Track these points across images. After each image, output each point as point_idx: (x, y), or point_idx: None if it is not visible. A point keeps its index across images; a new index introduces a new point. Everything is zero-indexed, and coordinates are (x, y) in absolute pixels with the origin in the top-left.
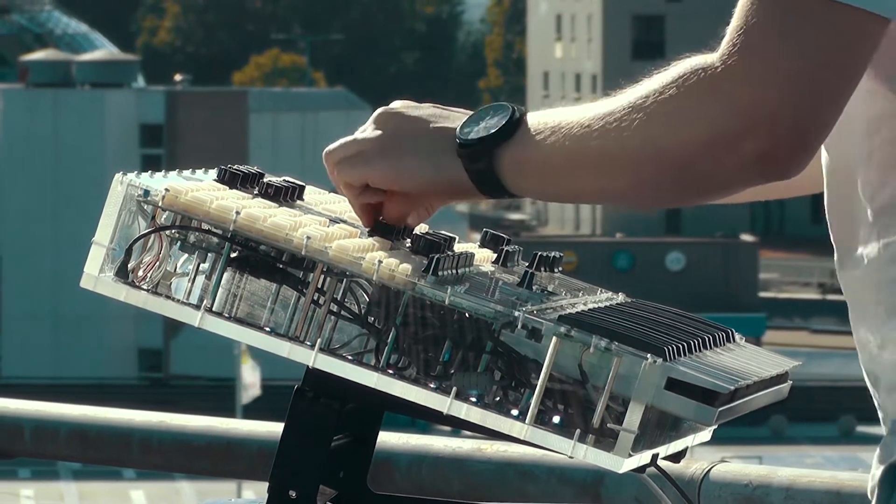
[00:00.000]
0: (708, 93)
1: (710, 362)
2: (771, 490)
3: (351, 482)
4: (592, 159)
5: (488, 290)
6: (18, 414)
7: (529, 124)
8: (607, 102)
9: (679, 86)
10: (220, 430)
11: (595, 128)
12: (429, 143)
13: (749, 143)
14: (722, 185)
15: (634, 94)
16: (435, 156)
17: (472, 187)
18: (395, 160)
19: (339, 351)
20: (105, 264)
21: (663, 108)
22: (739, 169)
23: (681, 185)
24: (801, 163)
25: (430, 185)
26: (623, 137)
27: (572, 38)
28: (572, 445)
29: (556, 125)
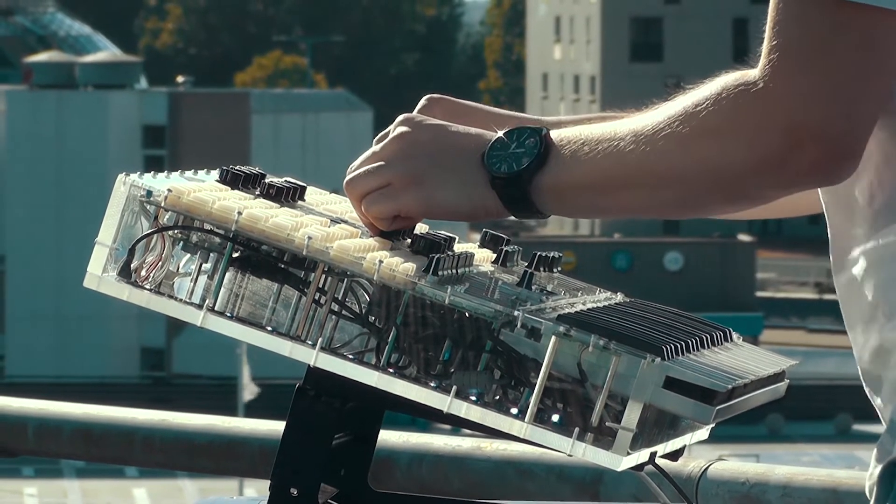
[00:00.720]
0: (752, 111)
1: (707, 361)
2: (768, 488)
3: (352, 480)
4: (633, 177)
5: (488, 289)
6: (22, 412)
7: (559, 146)
8: (640, 119)
9: (722, 102)
10: (222, 428)
11: (632, 146)
12: (458, 174)
13: (796, 160)
14: (769, 198)
15: (671, 110)
16: (467, 188)
17: (506, 212)
18: (425, 193)
19: (340, 350)
20: (108, 264)
21: (707, 125)
22: (789, 183)
23: (728, 199)
24: (848, 170)
25: (465, 215)
26: (663, 154)
27: (571, 40)
28: (571, 444)
29: (588, 145)
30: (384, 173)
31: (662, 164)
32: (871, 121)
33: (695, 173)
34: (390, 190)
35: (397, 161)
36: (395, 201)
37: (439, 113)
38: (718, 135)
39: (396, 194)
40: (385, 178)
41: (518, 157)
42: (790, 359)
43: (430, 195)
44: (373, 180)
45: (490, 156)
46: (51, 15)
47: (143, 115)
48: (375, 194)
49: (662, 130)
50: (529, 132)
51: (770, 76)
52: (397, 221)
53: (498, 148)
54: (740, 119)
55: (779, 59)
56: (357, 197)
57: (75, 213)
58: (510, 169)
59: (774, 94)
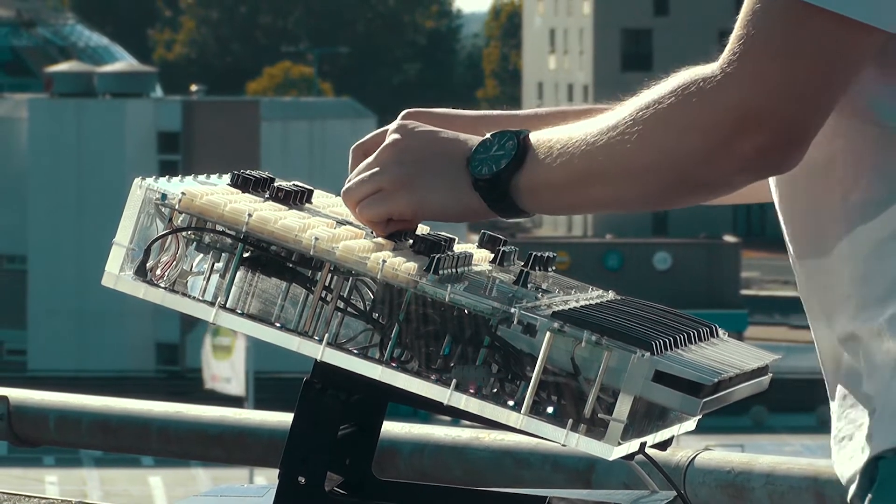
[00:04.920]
0: (707, 99)
1: (694, 356)
2: (752, 476)
3: (356, 469)
4: (601, 173)
5: (486, 288)
6: (43, 405)
7: (535, 147)
8: (609, 116)
9: (679, 94)
10: (234, 419)
11: (600, 142)
12: (446, 177)
13: (746, 145)
14: (724, 185)
15: (635, 105)
16: (454, 190)
17: (491, 212)
18: (416, 196)
19: (345, 345)
20: (125, 263)
21: (665, 116)
22: (739, 170)
23: (687, 188)
24: (796, 158)
25: (453, 216)
26: (627, 148)
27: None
28: (565, 434)
29: (562, 145)
30: (376, 179)
31: (626, 158)
32: (821, 112)
33: (655, 165)
34: (382, 195)
35: (388, 167)
36: (387, 205)
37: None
38: (674, 125)
39: (388, 199)
40: (377, 184)
41: (497, 160)
42: (773, 354)
43: (421, 198)
44: (366, 187)
45: (473, 159)
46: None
47: (158, 122)
48: (369, 199)
49: (626, 124)
50: (510, 135)
51: (726, 63)
52: (392, 224)
53: (481, 151)
54: (694, 108)
55: (735, 49)
56: (353, 203)
57: (94, 214)
58: (489, 171)
59: (727, 80)
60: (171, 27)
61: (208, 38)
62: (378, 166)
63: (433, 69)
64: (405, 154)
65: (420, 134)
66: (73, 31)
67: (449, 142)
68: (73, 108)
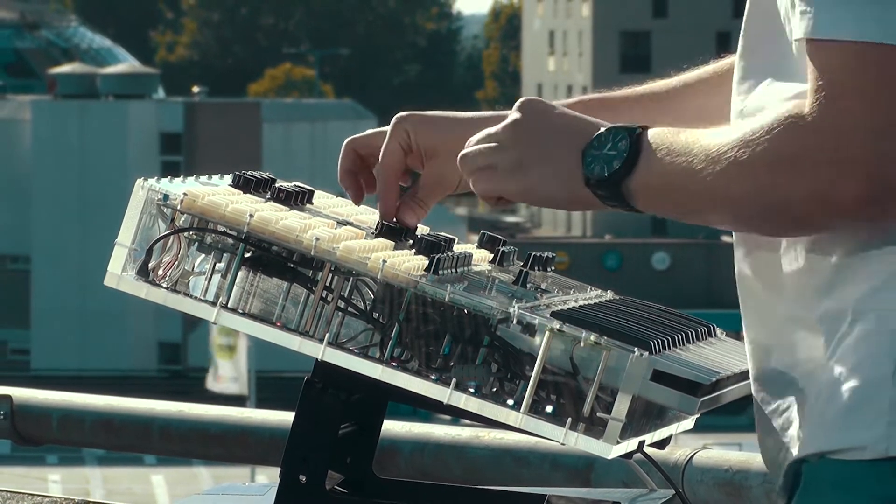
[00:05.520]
0: (801, 146)
1: (693, 355)
2: (750, 475)
3: (357, 468)
4: (700, 194)
5: (486, 288)
6: (47, 404)
7: (651, 148)
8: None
9: (775, 133)
10: (235, 418)
11: (701, 165)
12: (559, 167)
13: (841, 196)
14: (817, 228)
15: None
16: (566, 182)
17: (602, 205)
18: (528, 182)
19: (346, 345)
20: (127, 264)
21: (761, 155)
22: (832, 217)
23: (778, 226)
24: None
25: (562, 205)
26: (725, 179)
27: (564, 53)
28: (564, 433)
29: (675, 154)
30: (493, 156)
31: (721, 188)
32: None
33: (749, 200)
34: (497, 173)
35: (507, 146)
36: (499, 184)
37: (410, 131)
38: (770, 165)
39: (501, 178)
40: (493, 160)
41: (610, 160)
42: None
43: (532, 184)
44: (482, 160)
45: (587, 155)
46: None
47: (160, 123)
48: (483, 173)
49: (725, 155)
50: (623, 133)
51: (815, 110)
52: (501, 202)
53: (595, 147)
54: (790, 152)
55: (822, 93)
56: (468, 172)
57: (97, 215)
58: (601, 172)
59: (819, 127)
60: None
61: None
62: (497, 142)
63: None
64: (525, 135)
65: (542, 115)
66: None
67: (568, 130)
68: (76, 110)
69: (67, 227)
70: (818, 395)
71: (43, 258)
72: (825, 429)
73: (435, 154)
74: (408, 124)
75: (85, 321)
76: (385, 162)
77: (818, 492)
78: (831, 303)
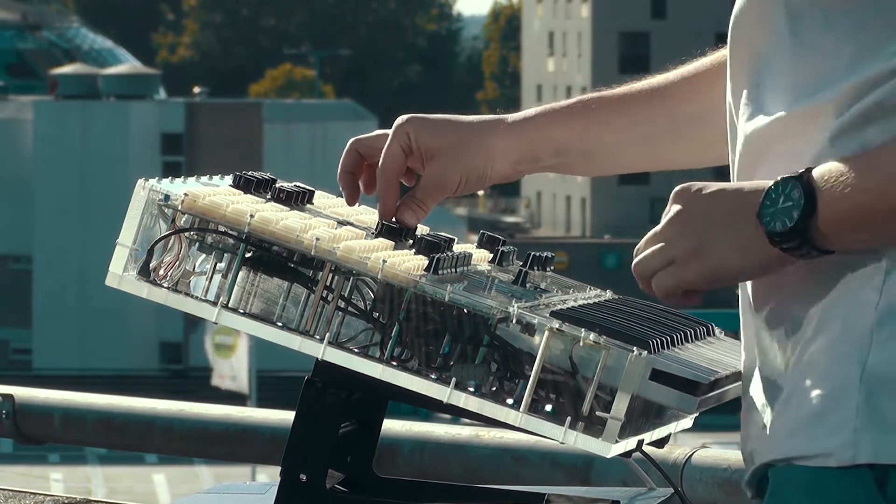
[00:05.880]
0: None
1: (691, 355)
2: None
3: (357, 466)
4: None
5: (485, 287)
6: (48, 403)
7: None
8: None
9: None
10: (236, 417)
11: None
12: (736, 239)
13: None
14: None
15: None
16: (748, 251)
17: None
18: (710, 265)
19: (346, 344)
20: (129, 264)
21: None
22: None
23: None
24: None
25: (753, 275)
26: None
27: (563, 53)
28: (563, 432)
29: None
30: (666, 253)
31: None
32: None
33: None
34: (675, 268)
35: (678, 239)
36: (683, 276)
37: (411, 133)
38: None
39: (680, 271)
40: (668, 258)
41: (789, 212)
42: None
43: (714, 266)
44: (657, 260)
45: (763, 215)
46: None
47: (161, 123)
48: (661, 274)
49: None
50: (792, 183)
51: None
52: (687, 296)
53: (768, 205)
54: None
55: None
56: (646, 278)
57: (98, 215)
58: (783, 226)
59: None
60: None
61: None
62: (666, 240)
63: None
64: (691, 224)
65: (703, 198)
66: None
67: (733, 200)
68: (78, 110)
69: (69, 227)
70: (786, 399)
71: (44, 258)
72: (792, 434)
73: (435, 156)
74: (409, 126)
75: (86, 321)
76: (385, 163)
77: (785, 498)
78: (798, 306)
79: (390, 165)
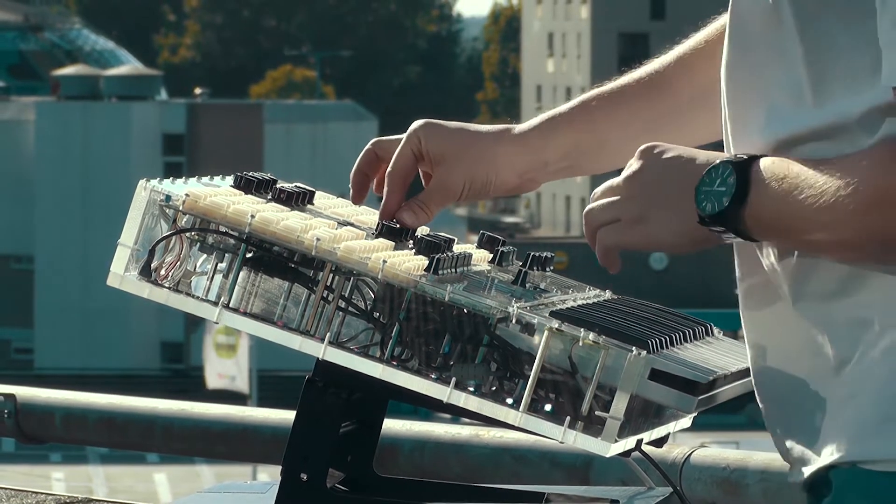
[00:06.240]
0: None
1: (690, 354)
2: (747, 473)
3: (358, 466)
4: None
5: (485, 287)
6: (50, 402)
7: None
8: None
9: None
10: (237, 417)
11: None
12: (676, 212)
13: None
14: None
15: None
16: (684, 225)
17: (721, 240)
18: (649, 232)
19: (346, 344)
20: (130, 264)
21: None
22: None
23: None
24: None
25: (684, 249)
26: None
27: (563, 54)
28: (563, 431)
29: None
30: (615, 209)
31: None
32: None
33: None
34: (619, 226)
35: (627, 199)
36: (622, 237)
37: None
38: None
39: (624, 231)
40: (615, 214)
41: (720, 196)
42: None
43: (653, 234)
44: (606, 214)
45: (699, 192)
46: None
47: (163, 124)
48: (606, 230)
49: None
50: (730, 169)
51: None
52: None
53: (706, 184)
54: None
55: None
56: (591, 227)
57: (100, 215)
58: (713, 209)
59: None
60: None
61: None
62: (618, 195)
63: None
64: (644, 187)
65: (661, 163)
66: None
67: (683, 172)
68: (80, 111)
69: (70, 227)
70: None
71: (46, 258)
72: (857, 437)
73: (442, 161)
74: (421, 131)
75: (88, 321)
76: (395, 164)
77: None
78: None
79: (398, 167)
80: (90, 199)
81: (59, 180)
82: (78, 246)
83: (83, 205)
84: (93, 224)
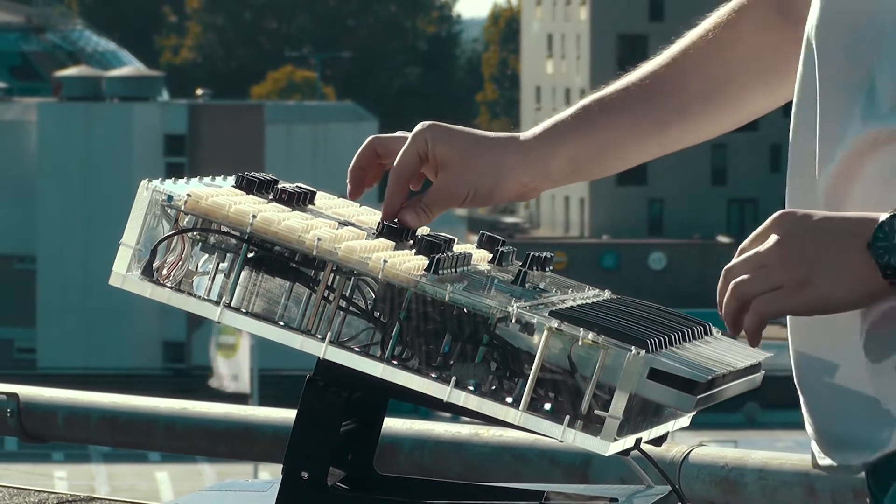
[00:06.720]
0: None
1: (689, 354)
2: (745, 471)
3: (358, 464)
4: None
5: (485, 287)
6: (53, 401)
7: None
8: None
9: None
10: (239, 416)
11: None
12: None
13: None
14: None
15: None
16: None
17: None
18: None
19: (347, 343)
20: (132, 264)
21: None
22: None
23: None
24: None
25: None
26: None
27: (562, 56)
28: (562, 430)
29: None
30: (772, 279)
31: None
32: None
33: None
34: (782, 293)
35: (786, 266)
36: (788, 304)
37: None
38: None
39: (788, 297)
40: (774, 283)
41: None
42: (766, 351)
43: (822, 296)
44: (762, 285)
45: (875, 248)
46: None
47: (164, 125)
48: (767, 297)
49: None
50: None
51: None
52: None
53: (881, 238)
54: None
55: None
56: (744, 300)
57: (102, 216)
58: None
59: None
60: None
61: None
62: (772, 264)
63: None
64: (801, 252)
65: (810, 226)
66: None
67: (842, 232)
68: (82, 112)
69: (73, 227)
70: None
71: (49, 258)
72: None
73: (447, 165)
74: (428, 133)
75: (90, 320)
76: (399, 164)
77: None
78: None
79: (403, 167)
80: (92, 199)
81: (62, 181)
82: (80, 246)
83: (85, 205)
84: (95, 224)
